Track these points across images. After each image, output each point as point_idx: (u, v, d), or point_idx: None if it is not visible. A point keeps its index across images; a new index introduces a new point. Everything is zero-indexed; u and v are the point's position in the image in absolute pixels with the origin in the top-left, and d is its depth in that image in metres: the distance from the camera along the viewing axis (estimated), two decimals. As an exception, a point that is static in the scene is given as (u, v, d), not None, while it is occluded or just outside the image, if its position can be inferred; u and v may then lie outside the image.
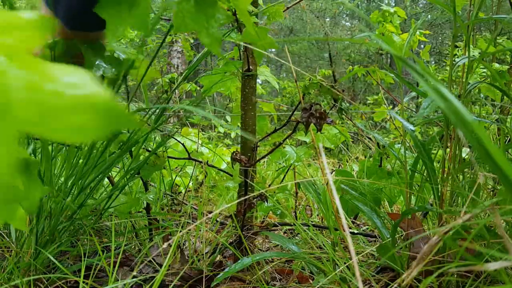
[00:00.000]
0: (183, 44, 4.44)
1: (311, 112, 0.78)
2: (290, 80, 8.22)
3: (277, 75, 12.95)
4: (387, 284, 0.87)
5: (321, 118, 0.78)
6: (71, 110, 0.21)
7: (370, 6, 11.42)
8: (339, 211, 0.32)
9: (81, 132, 0.21)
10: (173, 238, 0.89)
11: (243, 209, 0.99)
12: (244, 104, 1.05)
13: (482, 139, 0.28)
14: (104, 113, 0.21)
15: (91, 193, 0.90)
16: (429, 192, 1.18)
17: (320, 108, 0.78)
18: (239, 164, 0.99)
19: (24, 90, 0.20)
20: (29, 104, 0.20)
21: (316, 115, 0.78)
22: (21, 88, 0.20)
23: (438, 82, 0.30)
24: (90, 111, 0.21)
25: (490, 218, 0.69)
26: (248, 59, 1.02)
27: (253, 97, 1.05)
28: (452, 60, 0.87)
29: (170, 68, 6.32)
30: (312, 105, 0.78)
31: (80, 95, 0.21)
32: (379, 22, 2.12)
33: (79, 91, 0.21)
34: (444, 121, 0.89)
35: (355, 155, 2.95)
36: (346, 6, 9.82)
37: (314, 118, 0.78)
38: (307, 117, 0.78)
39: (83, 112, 0.21)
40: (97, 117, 0.21)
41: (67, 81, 0.21)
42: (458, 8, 0.89)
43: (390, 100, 7.11)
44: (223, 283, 0.94)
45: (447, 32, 10.50)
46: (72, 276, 0.78)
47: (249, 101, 1.04)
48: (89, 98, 0.21)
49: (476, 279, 0.76)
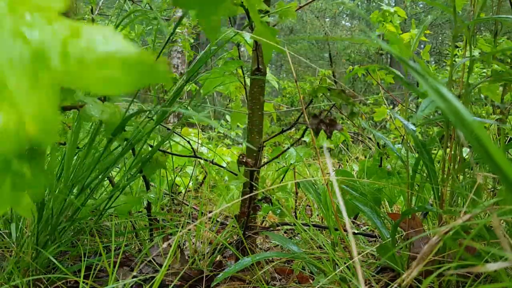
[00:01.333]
0: (183, 44, 4.44)
1: (321, 119, 0.78)
2: (290, 80, 8.22)
3: (277, 75, 12.96)
4: (387, 284, 0.87)
5: (331, 125, 0.78)
6: (103, 64, 0.22)
7: (370, 6, 11.42)
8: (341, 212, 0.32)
9: (114, 84, 0.23)
10: (173, 238, 0.89)
11: (248, 211, 0.99)
12: (252, 103, 1.04)
13: (482, 139, 0.28)
14: (134, 66, 0.23)
15: (92, 192, 0.90)
16: (429, 192, 1.18)
17: (330, 115, 0.78)
18: (245, 166, 0.99)
19: (60, 45, 0.22)
20: (65, 57, 0.22)
21: (326, 121, 0.78)
22: (57, 43, 0.22)
23: (438, 82, 0.30)
24: (120, 65, 0.22)
25: (490, 218, 0.68)
26: (258, 58, 1.02)
27: (261, 97, 1.04)
28: (452, 60, 0.87)
29: (170, 68, 6.31)
30: (321, 112, 0.78)
31: (110, 50, 0.22)
32: (379, 22, 2.12)
33: (109, 46, 0.22)
34: (444, 121, 0.89)
35: (355, 155, 2.95)
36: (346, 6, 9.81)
37: (324, 125, 0.78)
38: (317, 124, 0.78)
39: (114, 66, 0.22)
40: (128, 70, 0.23)
41: (97, 38, 0.23)
42: (458, 8, 0.89)
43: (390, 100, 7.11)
44: (223, 283, 0.94)
45: (447, 32, 10.50)
46: (72, 276, 0.78)
47: (257, 101, 1.04)
48: (118, 53, 0.22)
49: (476, 279, 0.76)
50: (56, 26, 0.22)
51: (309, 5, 9.91)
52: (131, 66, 0.23)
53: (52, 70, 0.21)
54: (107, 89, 0.22)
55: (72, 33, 0.22)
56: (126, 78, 0.22)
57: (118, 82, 0.22)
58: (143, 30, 1.63)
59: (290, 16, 0.94)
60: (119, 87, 0.23)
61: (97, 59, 0.22)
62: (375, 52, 9.74)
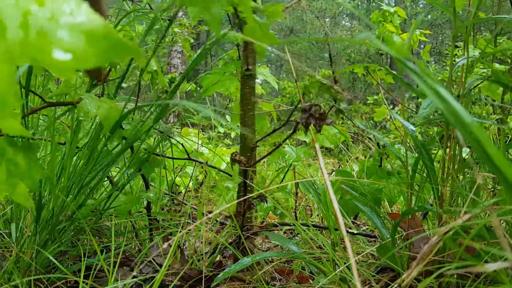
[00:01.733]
0: (183, 44, 4.44)
1: (310, 112, 0.78)
2: (290, 80, 8.22)
3: (277, 75, 12.96)
4: (387, 284, 0.87)
5: (321, 119, 0.78)
6: (68, 36, 0.21)
7: (370, 7, 11.42)
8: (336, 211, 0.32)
9: (80, 59, 0.21)
10: (173, 238, 0.89)
11: (243, 209, 0.99)
12: (243, 104, 1.05)
13: (481, 140, 0.28)
14: (101, 39, 0.21)
15: (92, 191, 0.90)
16: (429, 192, 1.18)
17: (319, 109, 0.78)
18: (239, 165, 0.99)
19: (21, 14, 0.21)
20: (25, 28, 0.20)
21: (316, 115, 0.78)
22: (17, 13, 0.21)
23: (437, 82, 0.30)
24: (87, 38, 0.21)
25: (490, 219, 0.69)
26: (248, 58, 1.02)
27: (252, 97, 1.05)
28: (452, 60, 0.87)
29: (170, 68, 6.32)
30: (311, 105, 0.78)
31: (76, 22, 0.21)
32: (379, 22, 2.12)
33: (76, 18, 0.21)
34: (444, 121, 0.89)
35: (355, 155, 2.95)
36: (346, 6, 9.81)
37: (313, 119, 0.78)
38: (307, 118, 0.78)
39: (80, 38, 0.21)
40: (95, 43, 0.21)
41: (63, 9, 0.21)
42: (458, 8, 0.89)
43: (390, 100, 7.11)
44: (223, 283, 0.94)
45: (447, 32, 10.50)
46: (72, 276, 0.78)
47: (248, 101, 1.04)
48: (84, 25, 0.21)
49: (476, 279, 0.76)
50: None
51: (309, 5, 9.91)
52: (98, 39, 0.21)
53: (8, 41, 0.20)
54: (71, 64, 0.21)
55: (36, 2, 0.21)
56: (92, 51, 0.21)
57: (83, 56, 0.21)
58: (143, 29, 1.63)
59: (277, 17, 0.94)
60: (85, 61, 0.21)
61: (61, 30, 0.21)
62: (375, 52, 9.75)
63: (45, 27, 0.21)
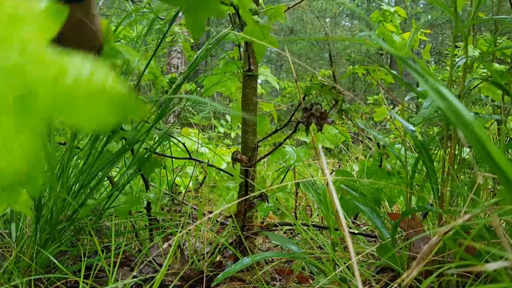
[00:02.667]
0: (183, 44, 4.44)
1: (311, 112, 0.78)
2: (290, 80, 8.21)
3: (277, 75, 12.96)
4: (387, 284, 0.87)
5: (322, 118, 0.78)
6: (89, 100, 0.23)
7: (370, 6, 11.42)
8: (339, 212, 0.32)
9: (98, 118, 0.23)
10: (173, 238, 0.89)
11: (244, 209, 0.99)
12: (245, 104, 1.05)
13: (482, 139, 0.28)
14: (118, 102, 0.23)
15: (92, 191, 0.90)
16: (429, 192, 1.18)
17: (320, 108, 0.78)
18: (240, 164, 0.99)
19: (43, 84, 0.22)
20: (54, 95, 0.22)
21: (317, 115, 0.78)
22: (46, 81, 0.22)
23: (438, 82, 0.30)
24: (106, 101, 0.23)
25: (490, 218, 0.68)
26: (249, 58, 1.02)
27: (254, 97, 1.05)
28: (452, 60, 0.87)
29: (170, 68, 6.32)
30: (312, 105, 0.78)
31: (96, 86, 0.23)
32: (379, 22, 2.12)
33: (96, 83, 0.23)
34: (444, 121, 0.89)
35: (355, 155, 2.95)
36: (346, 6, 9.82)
37: (314, 118, 0.78)
38: (308, 117, 0.78)
39: (99, 102, 0.23)
40: (112, 105, 0.23)
41: (84, 73, 0.23)
42: (459, 8, 0.89)
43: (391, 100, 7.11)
44: (223, 283, 0.94)
45: (447, 32, 10.51)
46: (72, 276, 0.78)
47: (250, 101, 1.04)
48: (105, 89, 0.23)
49: (476, 279, 0.76)
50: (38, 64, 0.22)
51: (309, 5, 9.91)
52: (115, 101, 0.23)
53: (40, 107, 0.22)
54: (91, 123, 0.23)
55: (60, 70, 0.22)
56: (109, 111, 0.23)
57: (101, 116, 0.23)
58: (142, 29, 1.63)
59: (279, 18, 0.95)
60: (103, 120, 0.23)
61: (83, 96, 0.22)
62: (375, 52, 9.75)
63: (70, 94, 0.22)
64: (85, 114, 0.23)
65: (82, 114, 0.22)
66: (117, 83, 0.23)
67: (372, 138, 2.35)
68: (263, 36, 0.82)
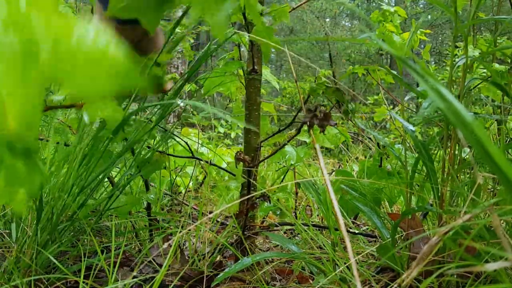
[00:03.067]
0: (183, 44, 4.44)
1: (314, 113, 0.78)
2: (290, 80, 8.21)
3: (277, 75, 12.95)
4: (387, 284, 0.87)
5: (325, 119, 0.78)
6: (91, 63, 0.23)
7: (370, 6, 11.42)
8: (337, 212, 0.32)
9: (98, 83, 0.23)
10: (173, 239, 0.89)
11: (246, 209, 0.99)
12: (249, 104, 1.05)
13: (482, 139, 0.28)
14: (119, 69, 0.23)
15: (92, 192, 0.90)
16: (429, 192, 1.18)
17: (324, 110, 0.78)
18: (242, 164, 0.99)
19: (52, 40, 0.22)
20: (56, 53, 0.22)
21: (320, 116, 0.78)
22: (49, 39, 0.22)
23: (438, 82, 0.30)
24: (107, 66, 0.23)
25: (490, 219, 0.69)
26: (253, 58, 1.02)
27: (257, 97, 1.05)
28: (452, 60, 0.87)
29: (170, 68, 6.32)
30: (317, 107, 0.78)
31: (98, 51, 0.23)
32: (379, 22, 2.12)
33: (98, 48, 0.23)
34: (444, 121, 0.89)
35: (355, 155, 2.95)
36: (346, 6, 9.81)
37: (317, 120, 0.78)
38: (311, 118, 0.78)
39: (100, 67, 0.23)
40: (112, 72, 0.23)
41: (87, 37, 0.23)
42: (459, 9, 0.89)
43: (391, 100, 7.11)
44: (223, 283, 0.94)
45: (447, 32, 10.51)
46: (72, 276, 0.78)
47: (253, 101, 1.05)
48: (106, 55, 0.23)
49: (476, 279, 0.76)
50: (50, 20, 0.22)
51: (309, 5, 9.91)
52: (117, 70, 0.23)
53: (41, 64, 0.22)
54: (94, 88, 0.23)
55: (65, 29, 0.22)
56: (107, 78, 0.23)
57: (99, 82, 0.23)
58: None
59: (284, 18, 0.95)
60: (100, 86, 0.23)
61: (86, 58, 0.22)
62: (375, 52, 9.74)
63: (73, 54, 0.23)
64: (86, 77, 0.23)
65: (82, 78, 0.23)
66: (119, 51, 0.23)
67: (372, 138, 2.35)
68: (268, 37, 0.82)
